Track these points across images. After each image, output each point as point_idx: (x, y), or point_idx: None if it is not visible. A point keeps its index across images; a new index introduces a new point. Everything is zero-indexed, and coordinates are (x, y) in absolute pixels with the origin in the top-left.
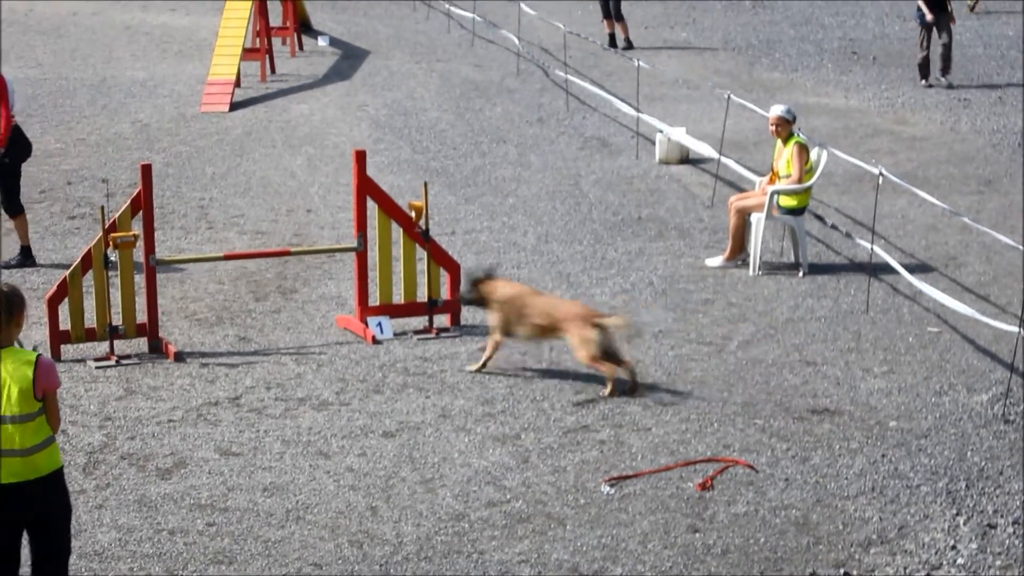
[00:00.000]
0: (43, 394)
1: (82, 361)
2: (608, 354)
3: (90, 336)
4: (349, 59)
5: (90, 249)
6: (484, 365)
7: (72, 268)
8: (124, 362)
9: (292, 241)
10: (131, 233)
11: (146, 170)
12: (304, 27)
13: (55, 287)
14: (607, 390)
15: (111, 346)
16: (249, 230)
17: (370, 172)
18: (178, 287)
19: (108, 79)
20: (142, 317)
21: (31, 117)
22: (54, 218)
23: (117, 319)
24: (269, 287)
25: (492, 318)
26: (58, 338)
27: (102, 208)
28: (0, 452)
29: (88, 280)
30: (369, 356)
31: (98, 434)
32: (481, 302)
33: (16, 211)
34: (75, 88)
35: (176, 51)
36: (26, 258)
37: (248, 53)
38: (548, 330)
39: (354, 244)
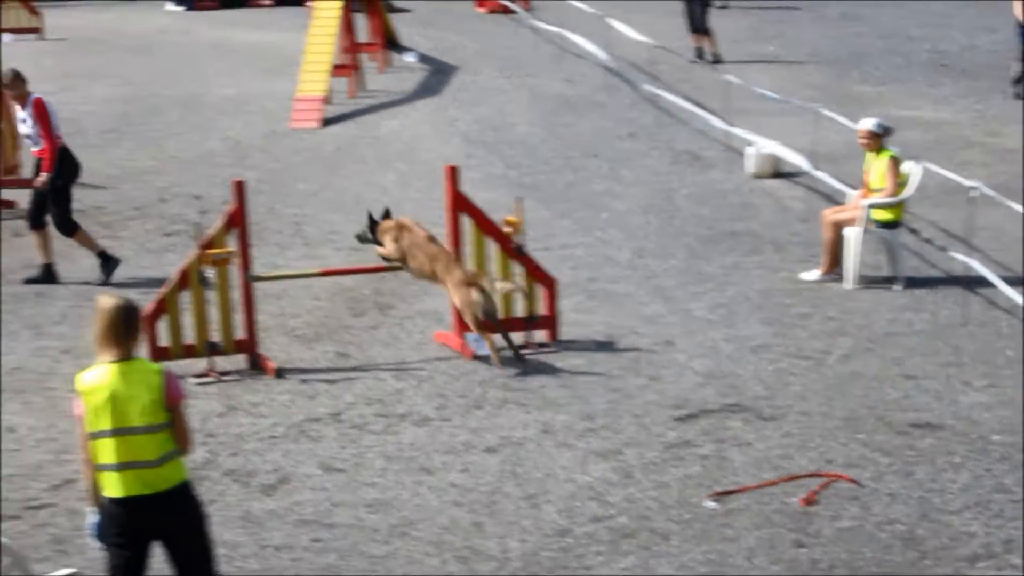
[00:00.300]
0: (172, 405)
1: (182, 378)
2: (489, 315)
3: (189, 353)
4: (437, 75)
5: (186, 266)
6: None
7: (169, 285)
8: (224, 378)
9: None
10: (227, 250)
11: (239, 187)
12: (391, 43)
13: (153, 304)
14: (494, 360)
15: (211, 362)
16: (344, 246)
17: (462, 188)
18: (275, 303)
19: (198, 96)
20: (240, 334)
21: (123, 135)
22: (149, 235)
23: (216, 336)
24: (366, 303)
25: (388, 249)
26: (157, 355)
27: (197, 224)
28: (129, 464)
29: (186, 297)
30: (468, 372)
31: (201, 450)
32: (378, 242)
33: (72, 229)
34: (166, 105)
35: (264, 67)
36: (107, 263)
37: (337, 69)
38: (432, 276)
39: None
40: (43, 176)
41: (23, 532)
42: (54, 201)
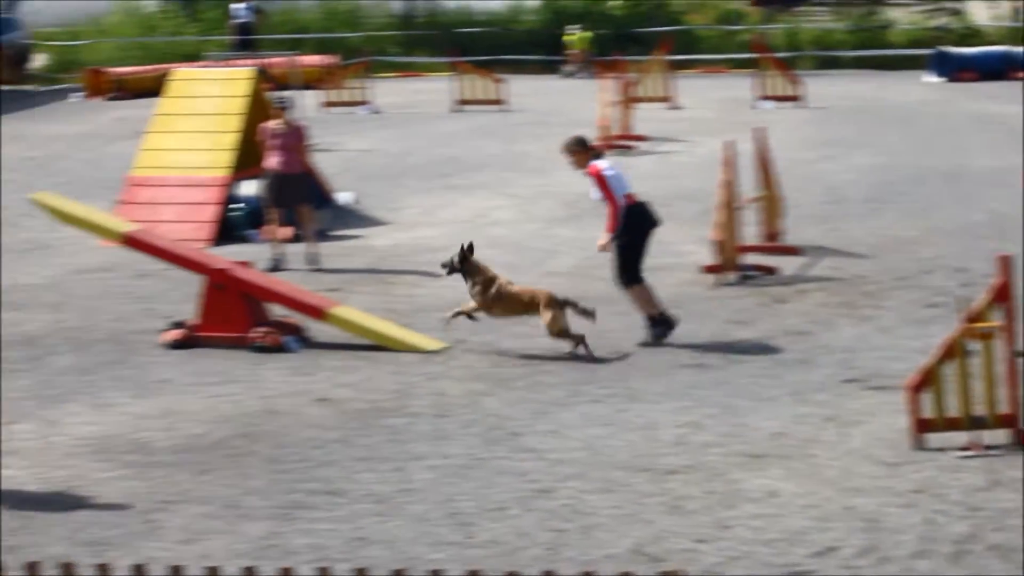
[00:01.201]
0: None
1: (944, 450)
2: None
3: (952, 426)
4: None
5: (950, 338)
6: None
7: (934, 357)
8: (988, 453)
9: None
10: (992, 324)
11: (1006, 262)
12: None
13: (917, 375)
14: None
15: (975, 436)
16: None
17: None
18: None
19: (960, 167)
20: (1004, 408)
21: (886, 204)
22: (911, 306)
23: (980, 410)
24: None
25: (475, 292)
26: (921, 426)
27: (961, 297)
28: None
29: (949, 369)
30: None
31: (962, 524)
32: (466, 273)
33: (628, 282)
34: (928, 176)
35: None
36: (657, 327)
37: None
38: (527, 307)
39: None
40: (604, 237)
41: None
42: (619, 254)
